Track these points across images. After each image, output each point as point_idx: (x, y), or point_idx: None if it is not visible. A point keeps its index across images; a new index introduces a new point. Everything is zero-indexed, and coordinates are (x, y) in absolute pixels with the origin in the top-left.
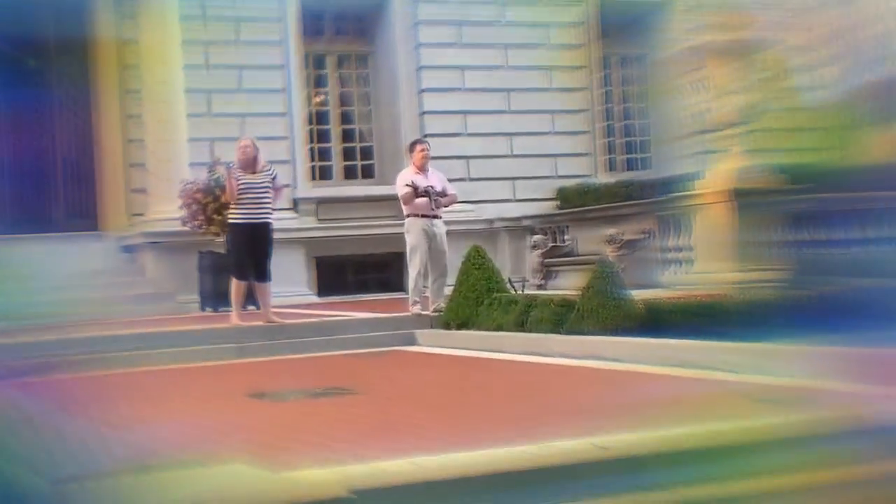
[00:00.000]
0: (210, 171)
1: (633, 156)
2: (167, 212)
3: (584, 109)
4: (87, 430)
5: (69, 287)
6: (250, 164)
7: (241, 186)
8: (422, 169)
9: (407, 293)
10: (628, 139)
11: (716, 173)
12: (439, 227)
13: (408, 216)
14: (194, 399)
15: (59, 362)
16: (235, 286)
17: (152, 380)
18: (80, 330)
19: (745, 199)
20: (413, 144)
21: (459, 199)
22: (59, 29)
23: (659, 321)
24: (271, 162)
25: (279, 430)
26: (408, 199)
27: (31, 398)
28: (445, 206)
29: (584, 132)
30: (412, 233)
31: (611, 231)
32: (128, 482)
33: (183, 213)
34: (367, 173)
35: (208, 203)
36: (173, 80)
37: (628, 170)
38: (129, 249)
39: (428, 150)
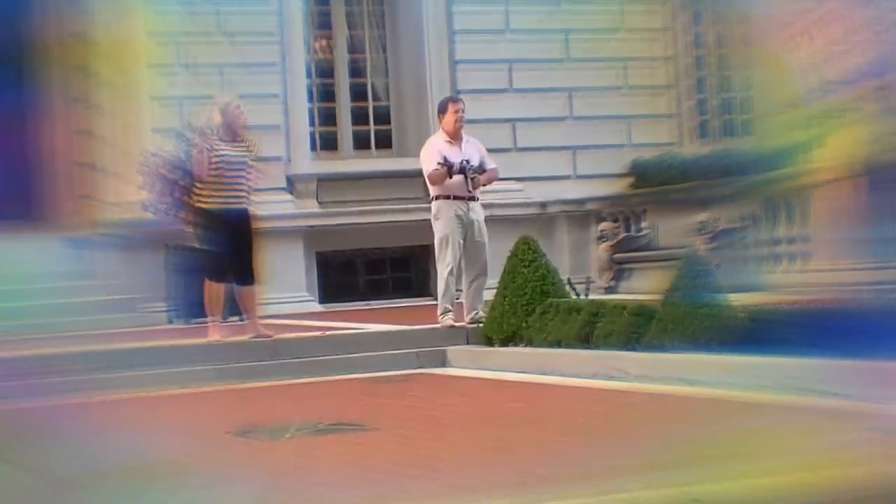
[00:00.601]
0: (179, 139)
1: (732, 118)
2: (125, 193)
3: (667, 57)
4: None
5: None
6: (231, 132)
7: (217, 161)
8: (455, 137)
9: (435, 299)
10: (725, 97)
11: (840, 142)
12: (477, 213)
13: (436, 198)
14: (164, 437)
15: None
16: (212, 290)
17: (110, 412)
18: (13, 349)
19: (877, 175)
20: (444, 104)
21: (502, 176)
22: None
23: (764, 334)
24: (257, 129)
25: (272, 477)
26: (437, 177)
27: None
28: (484, 185)
29: (666, 87)
30: (442, 220)
31: (701, 217)
32: None
33: (146, 195)
34: (383, 143)
35: (176, 181)
36: (132, 21)
37: (724, 137)
38: (76, 244)
39: (463, 111)
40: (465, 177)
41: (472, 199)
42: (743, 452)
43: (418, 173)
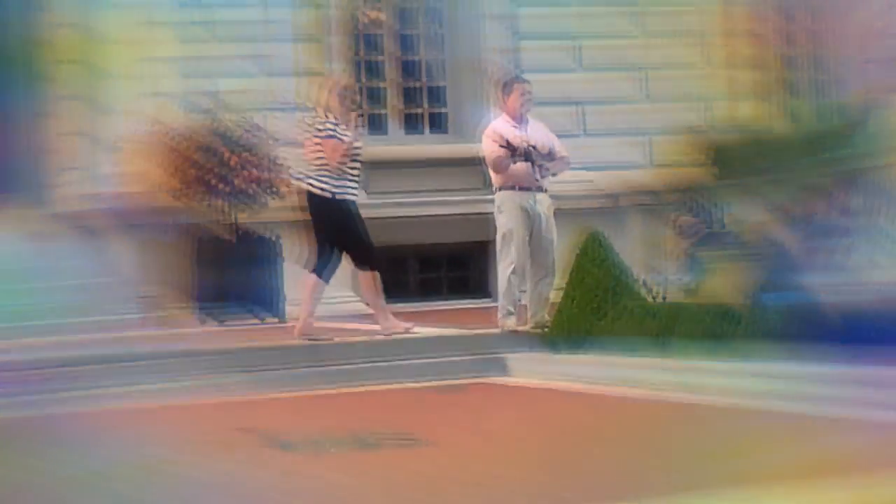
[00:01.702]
0: (210, 119)
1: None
2: (148, 176)
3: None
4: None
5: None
6: (346, 116)
7: (351, 149)
8: (520, 120)
9: (494, 300)
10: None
11: None
12: (544, 205)
13: (499, 189)
14: (196, 447)
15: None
16: (372, 279)
17: (135, 418)
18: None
19: None
20: (509, 84)
21: (571, 165)
22: None
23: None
24: (296, 109)
25: (312, 496)
26: (500, 165)
27: None
28: (553, 175)
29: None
30: (506, 213)
31: (791, 208)
32: None
33: (174, 182)
34: (437, 124)
35: (211, 168)
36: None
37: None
38: (89, 230)
39: (530, 91)
40: (532, 164)
41: (540, 189)
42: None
43: (478, 160)
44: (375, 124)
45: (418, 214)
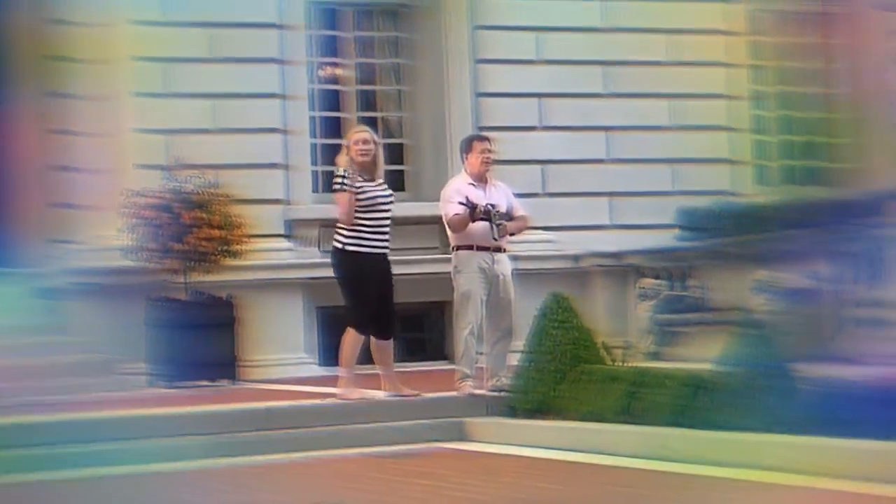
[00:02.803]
0: (167, 176)
1: (799, 163)
2: (103, 238)
3: (724, 95)
4: None
5: None
6: (370, 169)
7: (365, 200)
8: (480, 179)
9: (452, 363)
10: (790, 138)
11: None
12: (503, 266)
13: (458, 248)
14: None
15: None
16: (354, 342)
17: (80, 490)
18: None
19: None
20: (469, 142)
21: (532, 225)
22: None
23: (843, 413)
24: (255, 167)
25: None
26: (458, 224)
27: None
28: (513, 235)
29: (722, 127)
30: (464, 273)
31: (762, 275)
32: None
33: (126, 240)
34: (397, 184)
35: (165, 224)
36: (116, 43)
37: (789, 184)
38: (47, 294)
39: (491, 150)
40: (491, 223)
41: (499, 249)
42: None
43: (436, 219)
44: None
45: None
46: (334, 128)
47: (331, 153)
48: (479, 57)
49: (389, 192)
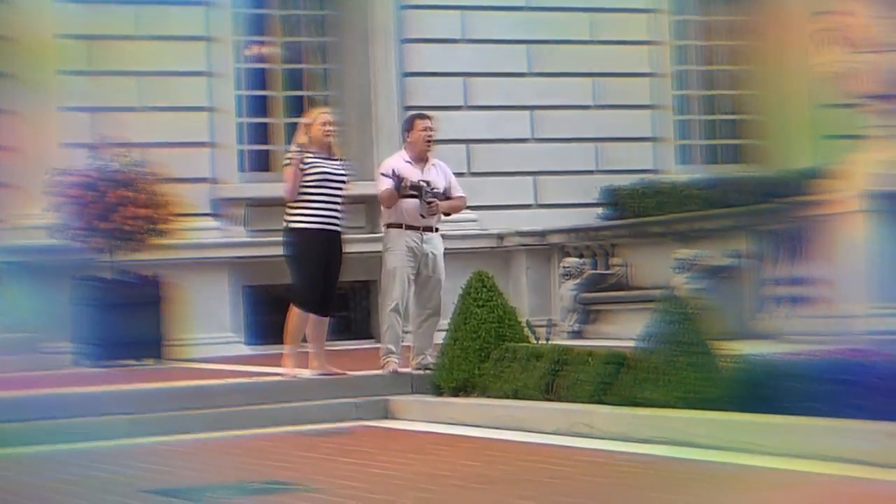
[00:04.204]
0: (93, 154)
1: (719, 142)
2: (28, 217)
3: (646, 73)
4: None
5: None
6: (327, 148)
7: (316, 175)
8: (420, 158)
9: (378, 341)
10: (711, 117)
11: (854, 168)
12: (434, 245)
13: (387, 226)
14: (77, 497)
15: None
16: (298, 319)
17: (17, 466)
18: None
19: (891, 209)
20: (412, 121)
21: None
22: None
23: (761, 389)
24: (182, 146)
25: None
26: (387, 199)
27: None
28: (447, 215)
29: (645, 106)
30: (392, 250)
31: (683, 253)
32: None
33: (50, 218)
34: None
35: (89, 203)
36: (41, 20)
37: (710, 163)
38: None
39: (432, 129)
40: (421, 199)
41: (429, 229)
42: None
43: (363, 198)
44: (260, 163)
45: None
46: (260, 107)
47: (258, 132)
48: (405, 36)
49: (343, 170)
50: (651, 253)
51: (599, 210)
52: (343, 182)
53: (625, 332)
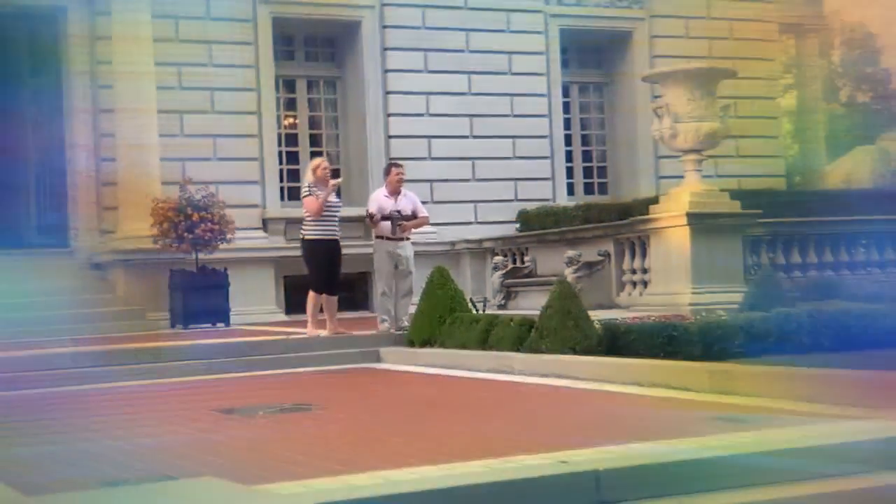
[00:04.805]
0: (183, 189)
1: (592, 180)
2: (138, 230)
3: (545, 136)
4: (57, 446)
5: (38, 304)
6: (324, 183)
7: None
8: (394, 192)
9: (372, 313)
10: (587, 164)
11: (672, 197)
12: (405, 250)
13: (376, 238)
14: (165, 415)
15: (27, 378)
16: (313, 299)
17: (122, 396)
18: (48, 347)
19: (700, 223)
20: (389, 167)
21: (429, 223)
22: (34, 48)
23: (616, 341)
24: (241, 183)
25: (248, 444)
26: (371, 223)
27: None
28: (415, 228)
29: (544, 157)
30: (377, 255)
31: (570, 253)
32: (100, 496)
33: (154, 231)
34: (336, 194)
35: (180, 221)
36: (146, 101)
37: (587, 194)
38: (99, 267)
39: (403, 173)
40: (393, 223)
41: (402, 239)
42: (602, 428)
43: (360, 217)
44: (294, 194)
45: None
46: (294, 158)
47: (292, 175)
48: (389, 112)
49: (337, 199)
50: (550, 253)
51: (517, 225)
52: (338, 207)
53: (533, 305)
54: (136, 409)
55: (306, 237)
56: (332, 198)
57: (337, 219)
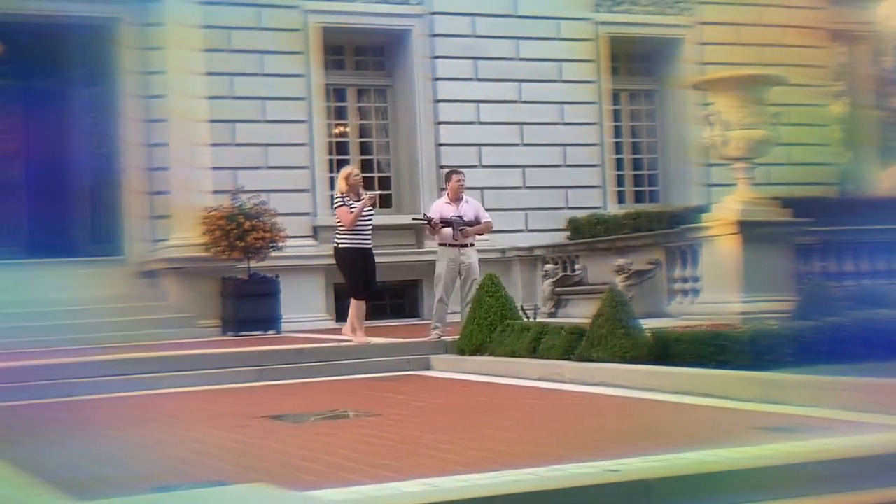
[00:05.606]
0: (234, 197)
1: (643, 188)
2: (190, 238)
3: (595, 143)
4: (110, 449)
5: (91, 312)
6: (356, 191)
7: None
8: (455, 199)
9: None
10: (637, 172)
11: (723, 206)
12: (469, 256)
13: (439, 245)
14: (216, 420)
15: (81, 384)
16: (356, 306)
17: (173, 402)
18: (100, 353)
19: (751, 231)
20: (449, 174)
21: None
22: (87, 59)
23: (666, 350)
24: (292, 192)
25: (299, 451)
26: (431, 230)
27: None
28: (479, 235)
29: (594, 165)
30: (438, 261)
31: (620, 261)
32: (152, 500)
33: (206, 239)
34: (386, 203)
35: (231, 229)
36: (198, 111)
37: (637, 202)
38: (151, 275)
39: (463, 180)
40: (454, 228)
41: (464, 245)
42: (651, 437)
43: (411, 226)
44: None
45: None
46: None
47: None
48: (439, 120)
49: (370, 207)
50: (600, 261)
51: (567, 233)
52: (371, 216)
53: (583, 313)
54: (187, 414)
55: (339, 246)
56: (359, 206)
57: (370, 228)
